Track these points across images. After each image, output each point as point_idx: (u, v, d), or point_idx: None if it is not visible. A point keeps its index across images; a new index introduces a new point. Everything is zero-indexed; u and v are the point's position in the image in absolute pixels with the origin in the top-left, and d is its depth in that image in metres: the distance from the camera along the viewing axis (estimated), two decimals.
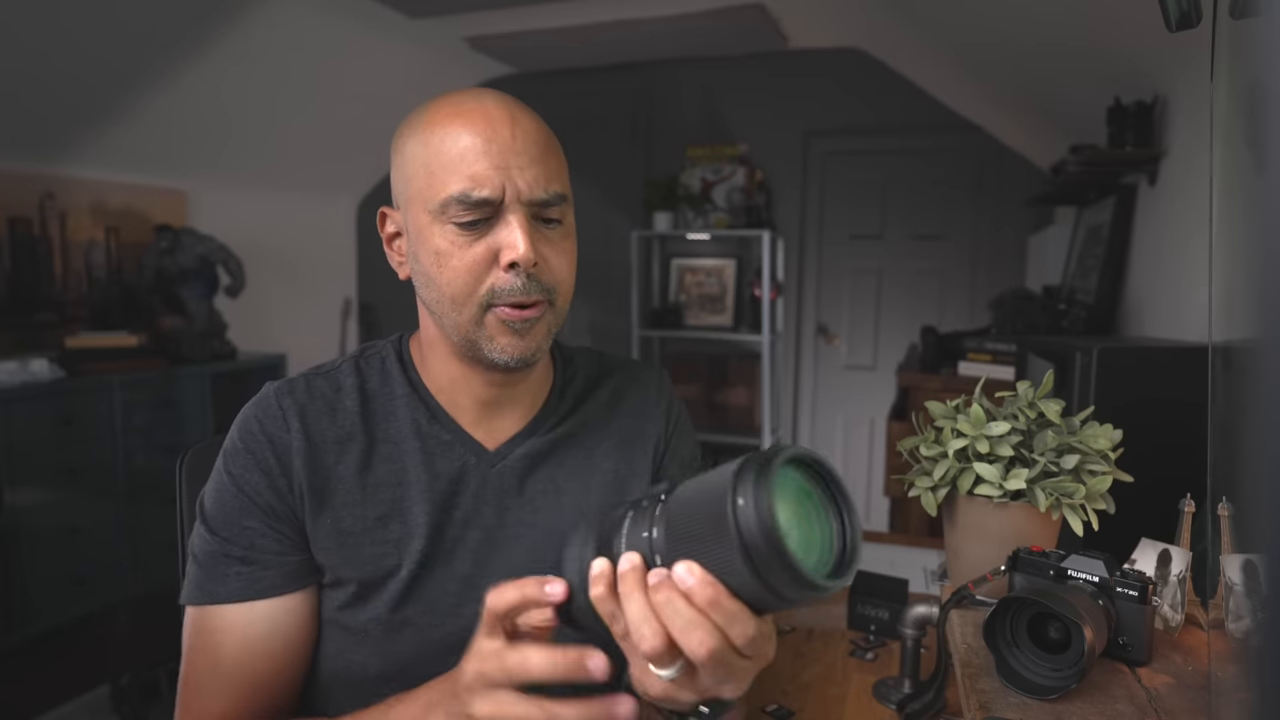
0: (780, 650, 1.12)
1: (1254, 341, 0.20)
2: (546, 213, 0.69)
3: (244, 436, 0.71)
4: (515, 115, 0.69)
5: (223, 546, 0.69)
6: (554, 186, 0.69)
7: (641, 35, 3.19)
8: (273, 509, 0.70)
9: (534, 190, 0.67)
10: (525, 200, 0.67)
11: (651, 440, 0.84)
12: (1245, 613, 0.70)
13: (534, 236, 0.67)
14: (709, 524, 0.44)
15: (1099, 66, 2.07)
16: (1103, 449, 0.82)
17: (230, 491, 0.70)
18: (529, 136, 0.68)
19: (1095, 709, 0.64)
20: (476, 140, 0.66)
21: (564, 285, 0.72)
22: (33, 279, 2.58)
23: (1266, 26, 0.21)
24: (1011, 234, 3.29)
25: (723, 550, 0.43)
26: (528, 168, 0.67)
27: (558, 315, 0.72)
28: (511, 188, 0.66)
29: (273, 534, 0.69)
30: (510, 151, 0.67)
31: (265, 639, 0.68)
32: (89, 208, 2.79)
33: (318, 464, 0.70)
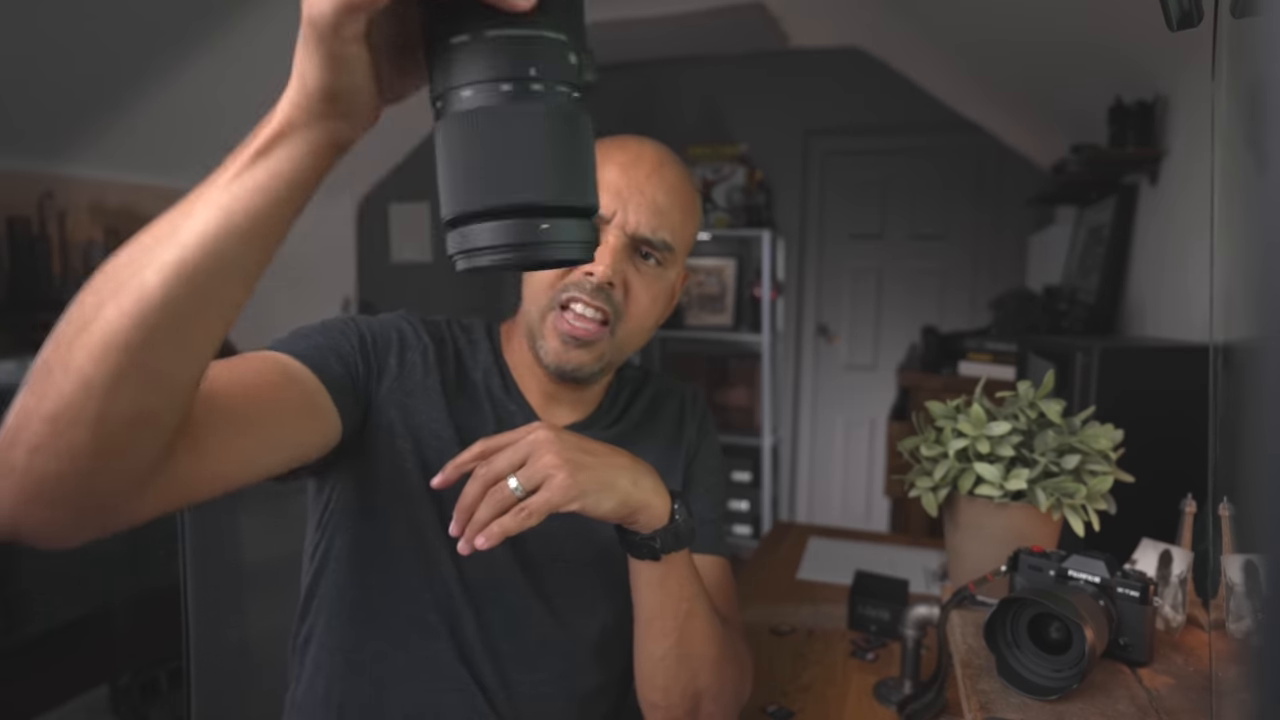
0: (780, 651, 1.12)
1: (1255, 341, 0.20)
2: (646, 249, 0.76)
3: (384, 321, 0.78)
4: (662, 164, 0.77)
5: (310, 333, 0.72)
6: (662, 233, 0.76)
7: (641, 35, 3.19)
8: (367, 358, 0.74)
9: (640, 226, 0.75)
10: (630, 231, 0.75)
11: (685, 447, 0.91)
12: (1246, 613, 0.69)
13: (623, 263, 0.75)
14: None
15: (1100, 66, 2.07)
16: (1103, 449, 0.82)
17: (346, 322, 0.76)
18: (664, 185, 0.76)
19: (1096, 709, 0.64)
20: (615, 167, 0.75)
21: (635, 318, 0.77)
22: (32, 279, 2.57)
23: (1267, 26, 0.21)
24: (1012, 234, 3.29)
25: None
26: (645, 207, 0.75)
27: (617, 345, 0.77)
28: (622, 215, 0.74)
29: (355, 360, 0.73)
30: (637, 189, 0.75)
31: (280, 378, 0.65)
32: (88, 207, 2.78)
33: (429, 371, 0.77)
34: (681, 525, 0.72)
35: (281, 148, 0.43)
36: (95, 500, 0.46)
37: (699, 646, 0.76)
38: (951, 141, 3.34)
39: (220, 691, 0.94)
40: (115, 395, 0.43)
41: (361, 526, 0.76)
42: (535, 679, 0.80)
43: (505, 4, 0.36)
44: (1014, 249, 3.30)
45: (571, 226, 0.38)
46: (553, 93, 0.37)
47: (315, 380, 0.68)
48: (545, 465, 0.63)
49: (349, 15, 0.37)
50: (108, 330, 0.42)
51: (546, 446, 0.64)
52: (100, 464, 0.44)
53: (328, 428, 0.68)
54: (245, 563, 0.98)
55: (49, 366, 0.44)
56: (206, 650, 0.93)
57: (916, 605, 0.96)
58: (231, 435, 0.56)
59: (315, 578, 0.79)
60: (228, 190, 0.43)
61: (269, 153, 0.43)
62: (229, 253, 0.43)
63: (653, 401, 0.91)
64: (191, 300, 0.43)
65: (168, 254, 0.42)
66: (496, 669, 0.78)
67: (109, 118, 2.67)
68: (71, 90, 2.48)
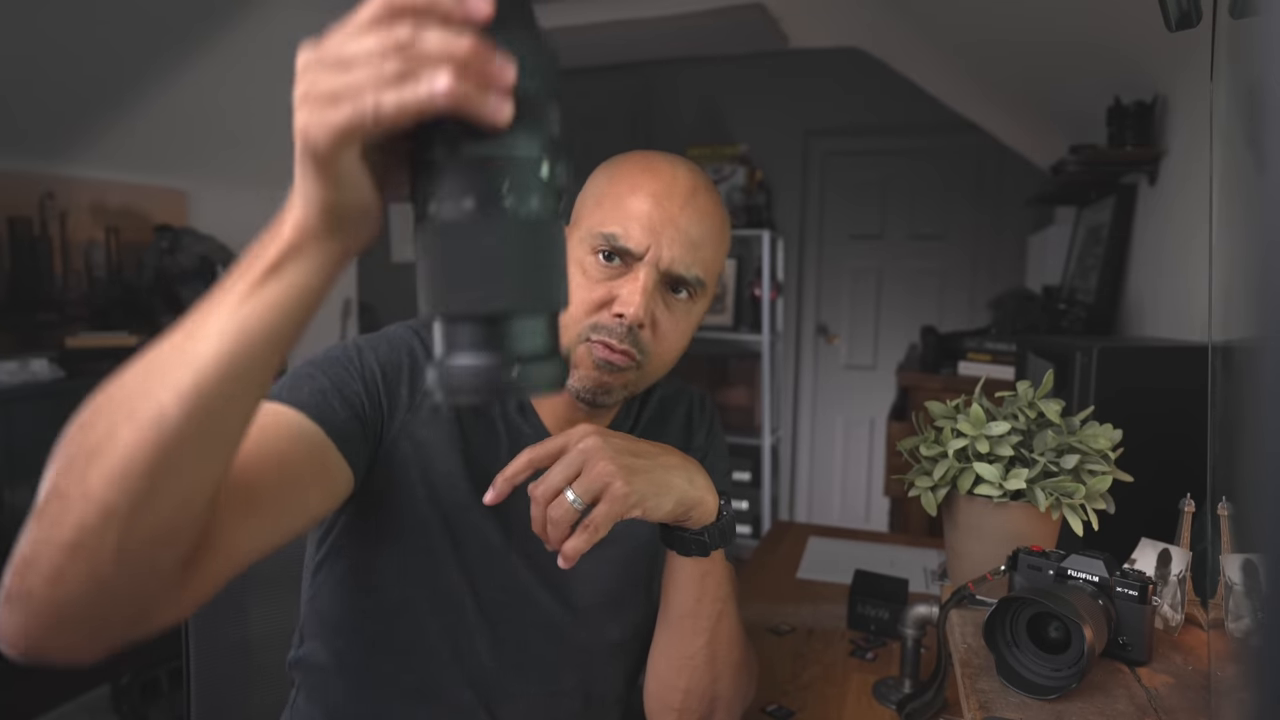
0: (780, 650, 1.12)
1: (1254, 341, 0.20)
2: (678, 284, 0.74)
3: (393, 343, 0.76)
4: (695, 193, 0.74)
5: (313, 374, 0.69)
6: (695, 270, 0.73)
7: (641, 35, 3.19)
8: (375, 396, 0.71)
9: (675, 264, 0.72)
10: (663, 269, 0.72)
11: (694, 452, 0.89)
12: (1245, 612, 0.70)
13: (653, 300, 0.72)
14: None
15: (1099, 66, 2.07)
16: (1102, 449, 0.82)
17: (351, 357, 0.72)
18: (697, 216, 0.73)
19: (1095, 709, 0.64)
20: (648, 198, 0.72)
21: (664, 355, 0.75)
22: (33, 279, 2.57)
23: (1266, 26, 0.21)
24: (1011, 234, 3.29)
25: None
26: (679, 242, 0.72)
27: (641, 378, 0.76)
28: (655, 251, 0.71)
29: (362, 401, 0.70)
30: (671, 223, 0.71)
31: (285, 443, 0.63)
32: (89, 208, 2.78)
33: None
34: (728, 522, 0.72)
35: (293, 265, 0.43)
36: (116, 618, 0.46)
37: (725, 649, 0.76)
38: (951, 141, 3.34)
39: (220, 691, 0.94)
40: (137, 520, 0.42)
41: (368, 553, 0.74)
42: (551, 690, 0.79)
43: (483, 119, 0.36)
44: (1013, 249, 3.30)
45: (541, 370, 0.40)
46: (520, 208, 0.39)
47: (322, 435, 0.65)
48: (601, 474, 0.62)
49: (348, 142, 0.38)
50: (126, 456, 0.41)
51: (598, 453, 0.63)
52: (123, 588, 0.44)
53: (339, 482, 0.67)
54: None
55: (62, 493, 0.43)
56: (206, 650, 0.93)
57: (916, 605, 0.96)
58: (242, 524, 0.54)
59: (315, 598, 0.78)
60: (240, 311, 0.43)
61: (280, 271, 0.43)
62: (246, 371, 0.43)
63: (661, 407, 0.90)
64: (209, 422, 0.43)
65: (183, 378, 0.42)
66: (508, 684, 0.77)
67: (110, 118, 2.67)
68: (73, 91, 2.48)
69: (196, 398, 0.42)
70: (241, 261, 0.44)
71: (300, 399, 0.65)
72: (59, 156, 2.69)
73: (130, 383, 0.44)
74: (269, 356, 0.44)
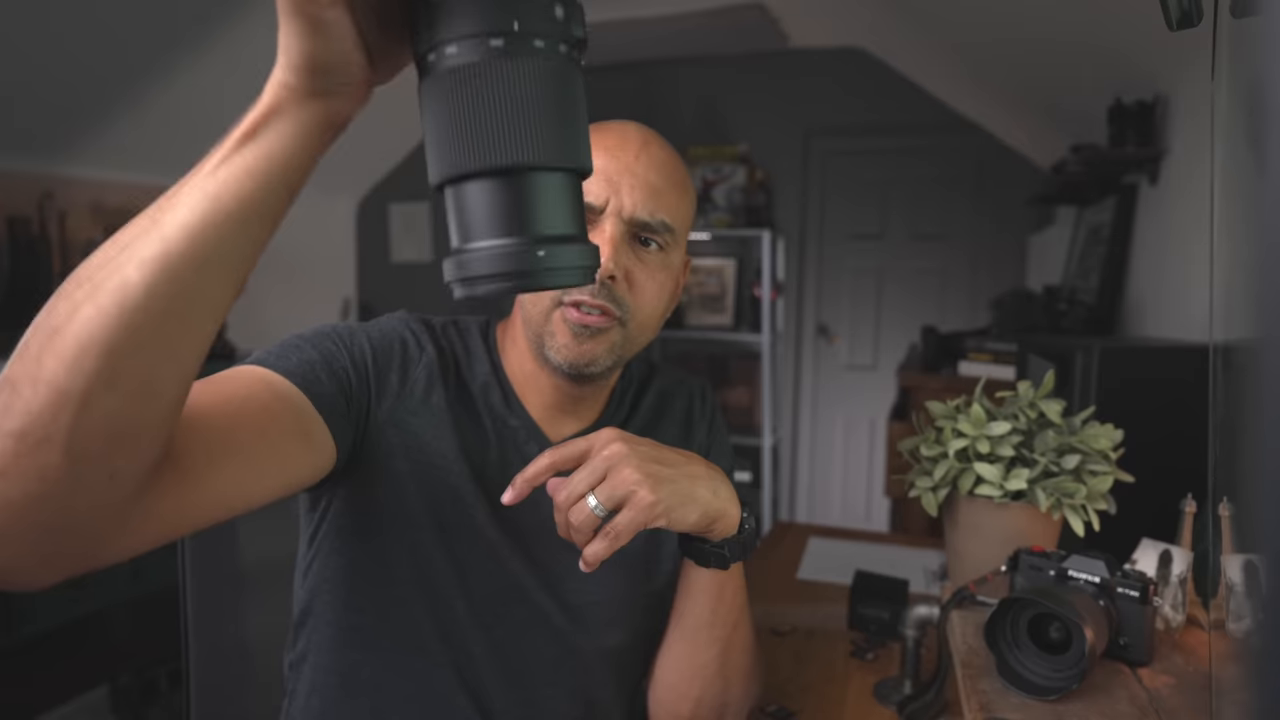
0: (780, 651, 1.11)
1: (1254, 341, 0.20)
2: (645, 234, 0.71)
3: (385, 330, 0.74)
4: (648, 144, 0.72)
5: (301, 346, 0.67)
6: (660, 214, 0.71)
7: (641, 35, 3.19)
8: (364, 375, 0.70)
9: (637, 210, 0.70)
10: (626, 217, 0.70)
11: (696, 449, 0.87)
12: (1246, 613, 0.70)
13: (624, 253, 0.70)
14: None
15: (1100, 66, 2.07)
16: (1103, 449, 0.82)
17: (342, 334, 0.71)
18: (653, 164, 0.71)
19: (1096, 709, 0.64)
20: (601, 152, 0.70)
21: (643, 309, 0.73)
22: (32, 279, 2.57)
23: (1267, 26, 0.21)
24: (1012, 234, 3.29)
25: None
26: (639, 189, 0.70)
27: (628, 338, 0.73)
28: (616, 201, 0.69)
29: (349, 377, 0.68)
30: (628, 171, 0.70)
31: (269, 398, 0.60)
32: (89, 207, 2.78)
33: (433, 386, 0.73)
34: (750, 534, 0.70)
35: (271, 128, 0.40)
36: (68, 532, 0.41)
37: (738, 657, 0.75)
38: (951, 141, 3.34)
39: (220, 691, 0.94)
40: (91, 406, 0.38)
41: (358, 549, 0.73)
42: (547, 694, 0.77)
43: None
44: (1014, 249, 3.30)
45: (570, 253, 0.37)
46: (538, 48, 0.35)
47: (306, 401, 0.63)
48: (625, 481, 0.61)
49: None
50: (83, 333, 0.38)
51: (623, 460, 0.62)
52: (74, 487, 0.39)
53: (321, 453, 0.64)
54: (244, 563, 0.98)
55: (13, 380, 0.38)
56: (206, 650, 0.92)
57: (916, 605, 0.96)
58: (217, 462, 0.50)
59: (309, 598, 0.77)
60: (213, 176, 0.40)
61: (257, 135, 0.40)
62: (218, 242, 0.39)
63: (660, 398, 0.87)
64: (177, 297, 0.39)
65: (150, 248, 0.39)
66: (505, 688, 0.75)
67: (109, 118, 2.67)
68: (72, 90, 2.48)
69: (163, 268, 0.38)
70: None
71: (287, 366, 0.64)
72: (58, 156, 2.69)
73: (97, 260, 0.40)
74: (245, 227, 0.40)
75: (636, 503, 0.60)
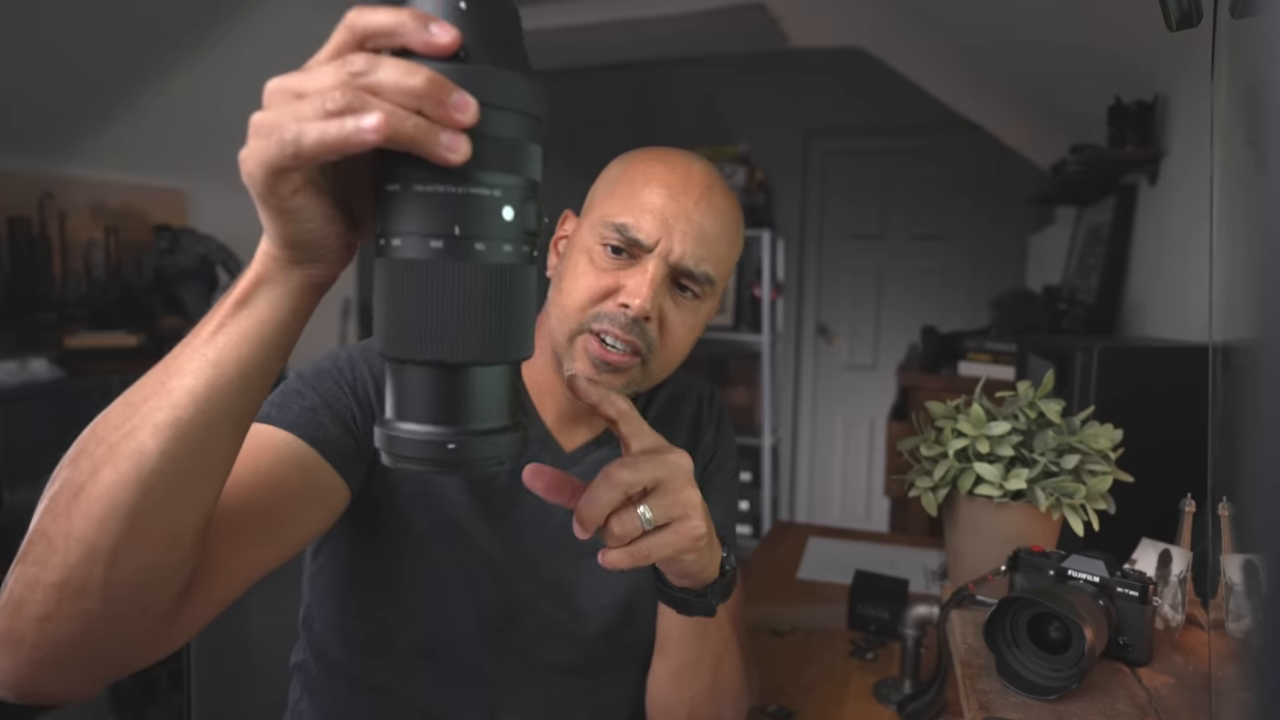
0: (780, 651, 1.11)
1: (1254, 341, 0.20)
2: (686, 281, 0.71)
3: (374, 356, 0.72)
4: (710, 190, 0.72)
5: (303, 390, 0.67)
6: (705, 266, 0.71)
7: (641, 35, 3.19)
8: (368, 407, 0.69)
9: (685, 258, 0.69)
10: (673, 262, 0.69)
11: (702, 452, 0.87)
12: (1246, 613, 0.70)
13: (661, 295, 0.70)
14: None
15: (1099, 66, 2.07)
16: (1103, 449, 0.82)
17: (342, 369, 0.70)
18: (711, 213, 0.71)
19: (1095, 709, 0.64)
20: (663, 191, 0.69)
21: (669, 350, 0.72)
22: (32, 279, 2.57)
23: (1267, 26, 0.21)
24: (1011, 234, 3.29)
25: None
26: (691, 236, 0.69)
27: (647, 375, 0.72)
28: (666, 243, 0.69)
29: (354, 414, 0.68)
30: (684, 216, 0.69)
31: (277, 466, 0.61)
32: (89, 208, 2.78)
33: None
34: (730, 576, 0.67)
35: (261, 296, 0.43)
36: (112, 657, 0.45)
37: (728, 681, 0.75)
38: (951, 141, 3.34)
39: (221, 691, 0.94)
40: (121, 559, 0.42)
41: (365, 561, 0.73)
42: (557, 696, 0.77)
43: (435, 157, 0.35)
44: (1014, 249, 3.30)
45: (494, 444, 0.38)
46: (478, 251, 0.36)
47: (314, 455, 0.63)
48: (685, 502, 0.55)
49: (279, 177, 0.37)
50: (107, 495, 0.41)
51: (688, 479, 0.56)
52: (113, 625, 0.43)
53: (334, 499, 0.65)
54: None
55: (47, 534, 0.42)
56: (206, 650, 0.92)
57: (916, 605, 0.96)
58: (237, 551, 0.53)
59: (314, 605, 0.77)
60: (213, 343, 0.43)
61: (249, 301, 0.43)
62: (223, 405, 0.43)
63: (669, 405, 0.87)
64: (191, 458, 0.43)
65: (160, 414, 0.42)
66: (514, 693, 0.75)
67: (109, 118, 2.67)
68: (72, 90, 2.48)
69: (174, 434, 0.42)
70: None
71: (290, 419, 0.64)
72: (59, 156, 2.69)
73: (113, 419, 0.44)
74: (246, 388, 0.44)
75: (686, 530, 0.55)
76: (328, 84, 0.35)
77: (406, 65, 0.34)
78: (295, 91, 0.36)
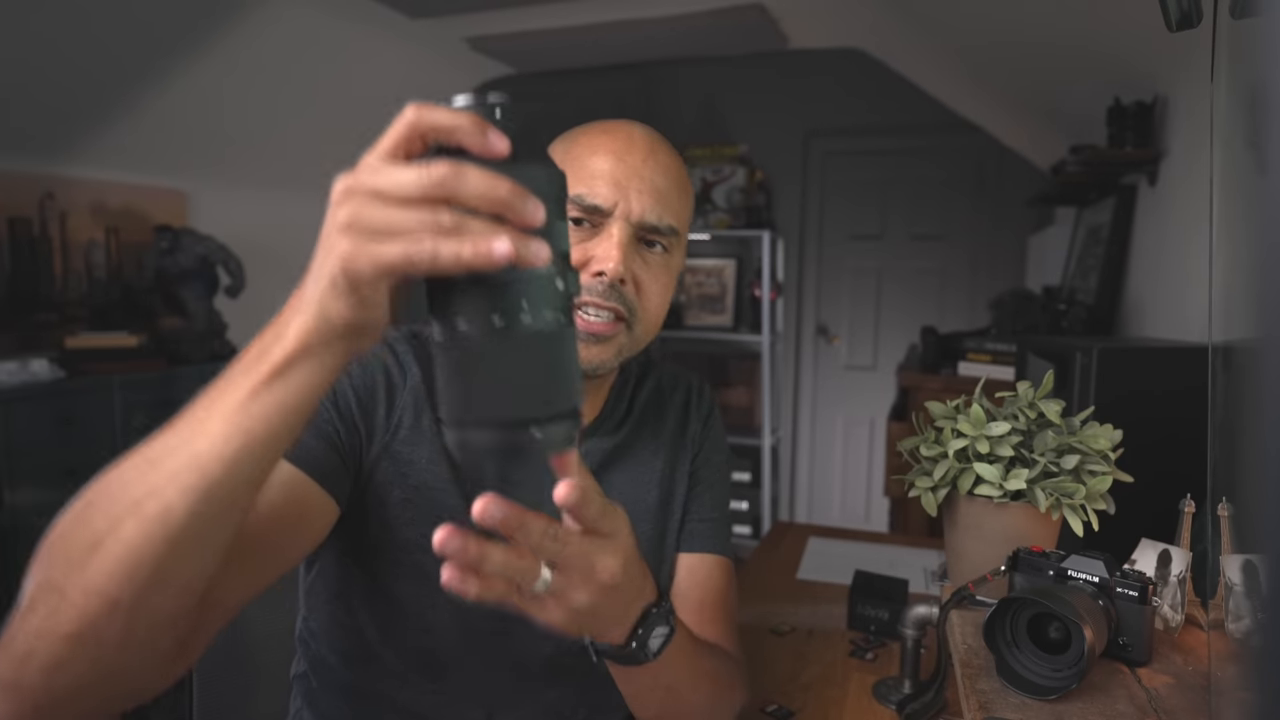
0: (780, 650, 1.12)
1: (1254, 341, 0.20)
2: (652, 237, 0.72)
3: (365, 364, 0.73)
4: (655, 148, 0.73)
5: None
6: (667, 218, 0.72)
7: (641, 35, 3.19)
8: (351, 423, 0.70)
9: (646, 214, 0.71)
10: (634, 221, 0.71)
11: (690, 443, 0.88)
12: (1245, 613, 0.70)
13: (631, 255, 0.71)
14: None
15: (1099, 67, 2.07)
16: (1103, 449, 0.82)
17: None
18: (660, 168, 0.72)
19: (1095, 709, 0.64)
20: (609, 156, 0.71)
21: (649, 311, 0.73)
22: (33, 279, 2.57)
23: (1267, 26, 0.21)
24: (1011, 234, 3.29)
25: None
26: (647, 193, 0.71)
27: (634, 340, 0.74)
28: (624, 205, 0.70)
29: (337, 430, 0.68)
30: (635, 175, 0.71)
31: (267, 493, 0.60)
32: (89, 208, 2.78)
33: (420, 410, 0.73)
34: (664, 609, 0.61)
35: (300, 370, 0.43)
36: (115, 699, 0.46)
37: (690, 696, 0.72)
38: (951, 142, 3.34)
39: (221, 692, 0.94)
40: (142, 610, 0.43)
41: (357, 572, 0.73)
42: (551, 698, 0.77)
43: (524, 263, 0.38)
44: (1013, 249, 3.30)
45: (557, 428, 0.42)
46: (538, 320, 0.41)
47: (299, 475, 0.63)
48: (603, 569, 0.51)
49: (391, 278, 0.39)
50: (131, 551, 0.42)
51: (615, 551, 0.51)
52: (125, 672, 0.45)
53: (321, 517, 0.66)
54: None
55: (58, 586, 0.43)
56: (208, 657, 0.92)
57: (916, 605, 0.96)
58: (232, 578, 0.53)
59: (309, 617, 0.77)
60: (247, 411, 0.43)
61: (287, 374, 0.43)
62: (252, 468, 0.44)
63: (657, 394, 0.88)
64: (216, 516, 0.44)
65: (189, 477, 0.42)
66: (508, 697, 0.75)
67: (109, 118, 2.67)
68: (72, 91, 2.48)
69: (202, 495, 0.42)
70: (244, 354, 0.44)
71: None
72: (59, 156, 2.69)
73: (131, 477, 0.44)
74: (275, 453, 0.45)
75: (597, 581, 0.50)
76: (416, 190, 0.38)
77: (489, 175, 0.38)
78: (381, 193, 0.39)
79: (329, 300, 0.41)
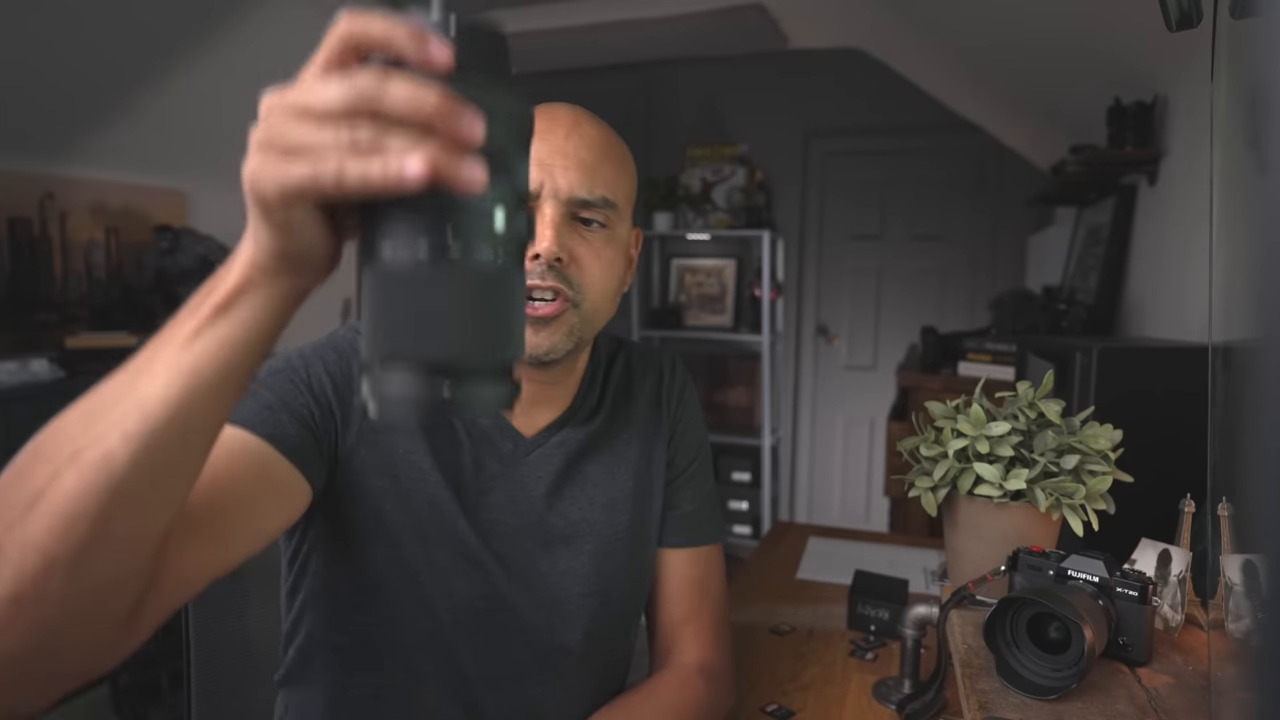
0: (780, 650, 1.11)
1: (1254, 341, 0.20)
2: (586, 213, 0.71)
3: (340, 350, 0.72)
4: (578, 122, 0.72)
5: (255, 391, 0.66)
6: (599, 190, 0.70)
7: (641, 35, 3.19)
8: (326, 406, 0.68)
9: (574, 189, 0.69)
10: (563, 198, 0.69)
11: (666, 425, 0.87)
12: (1245, 613, 0.70)
13: (566, 234, 0.69)
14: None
15: (1099, 67, 2.07)
16: (1103, 449, 0.82)
17: (296, 368, 0.69)
18: (585, 141, 0.71)
19: (1095, 709, 0.64)
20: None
21: (594, 288, 0.72)
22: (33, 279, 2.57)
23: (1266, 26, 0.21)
24: (1011, 234, 3.29)
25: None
26: (572, 169, 0.69)
27: (584, 319, 0.72)
28: (550, 184, 0.69)
29: (311, 412, 0.67)
30: (558, 152, 0.69)
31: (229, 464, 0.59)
32: (89, 208, 2.78)
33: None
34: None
35: (243, 303, 0.41)
36: (67, 670, 0.43)
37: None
38: (951, 142, 3.34)
39: (220, 691, 0.94)
40: (83, 566, 0.40)
41: (340, 569, 0.73)
42: (537, 694, 0.77)
43: (456, 188, 0.34)
44: (1013, 249, 3.30)
45: (480, 388, 0.38)
46: (469, 256, 0.36)
47: (270, 450, 0.62)
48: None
49: (299, 200, 0.36)
50: (70, 503, 0.39)
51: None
52: (71, 638, 0.42)
53: (294, 497, 0.64)
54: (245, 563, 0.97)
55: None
56: (206, 651, 0.92)
57: (916, 605, 0.96)
58: (186, 547, 0.50)
59: (296, 619, 0.77)
60: (190, 349, 0.41)
61: (230, 309, 0.41)
62: (198, 412, 0.41)
63: (628, 378, 0.87)
64: (161, 465, 0.41)
65: (131, 421, 0.40)
66: (494, 693, 0.75)
67: (109, 118, 2.67)
68: (72, 91, 2.48)
69: (146, 441, 0.40)
70: (191, 299, 0.42)
71: (245, 416, 0.62)
72: (59, 156, 2.69)
73: (73, 426, 0.41)
74: (221, 395, 0.42)
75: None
76: (337, 104, 0.34)
77: (417, 85, 0.33)
78: (300, 109, 0.35)
79: (256, 228, 0.39)
